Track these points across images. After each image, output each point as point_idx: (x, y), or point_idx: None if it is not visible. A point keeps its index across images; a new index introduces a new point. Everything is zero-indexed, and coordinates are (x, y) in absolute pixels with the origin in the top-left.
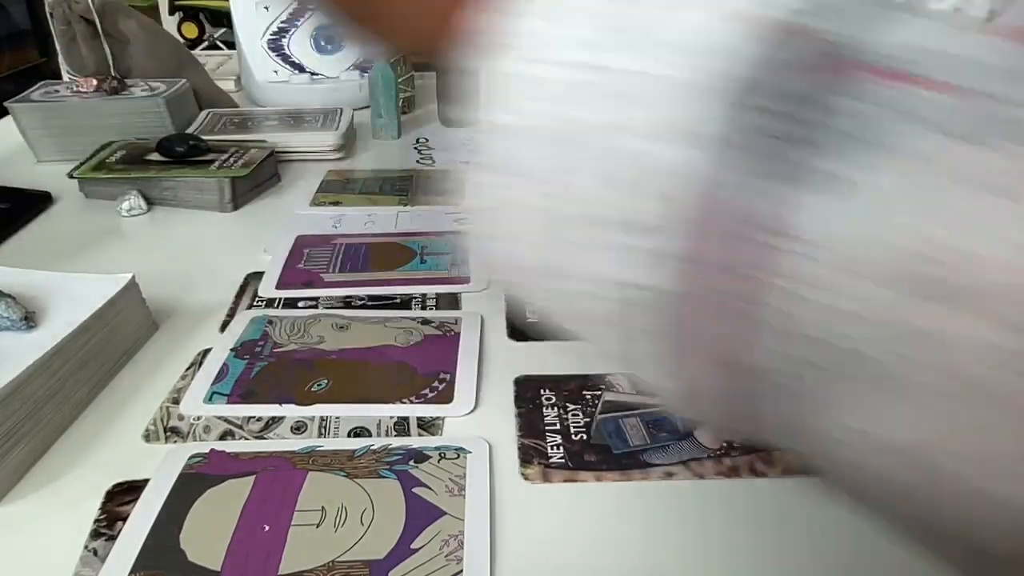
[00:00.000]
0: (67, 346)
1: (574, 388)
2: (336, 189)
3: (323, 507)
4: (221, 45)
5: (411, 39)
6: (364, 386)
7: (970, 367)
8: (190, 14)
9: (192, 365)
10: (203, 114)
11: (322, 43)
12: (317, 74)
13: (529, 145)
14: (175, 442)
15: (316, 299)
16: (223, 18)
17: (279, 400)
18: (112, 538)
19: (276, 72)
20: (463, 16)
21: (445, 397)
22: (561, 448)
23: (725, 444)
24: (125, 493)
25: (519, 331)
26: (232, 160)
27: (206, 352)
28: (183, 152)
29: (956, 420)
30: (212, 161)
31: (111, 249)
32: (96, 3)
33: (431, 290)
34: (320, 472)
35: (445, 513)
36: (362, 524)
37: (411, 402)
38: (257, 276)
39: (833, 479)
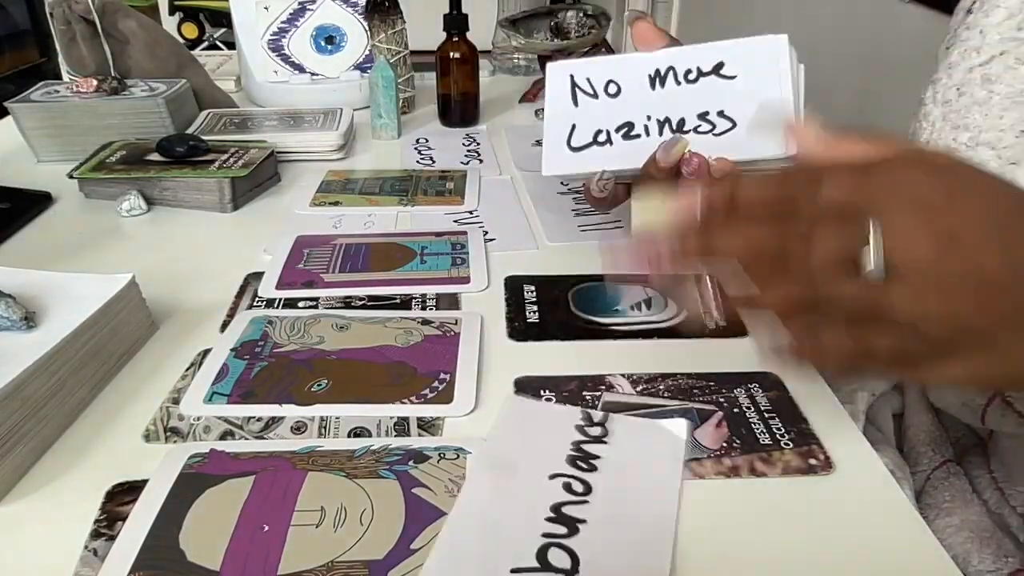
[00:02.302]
0: (67, 346)
1: (574, 388)
2: (336, 189)
3: (323, 507)
4: (221, 45)
5: None
6: (364, 386)
7: None
8: (190, 14)
9: (192, 365)
10: (203, 114)
11: (322, 43)
12: (317, 74)
13: None
14: (175, 442)
15: (316, 299)
16: (223, 18)
17: (279, 400)
18: (112, 538)
19: (276, 72)
20: None
21: (445, 397)
22: None
23: (725, 444)
24: (125, 493)
25: (519, 331)
26: (232, 160)
27: (206, 352)
28: (183, 152)
29: None
30: (212, 161)
31: (111, 249)
32: (96, 3)
33: (431, 290)
34: (320, 472)
35: (444, 513)
36: (361, 524)
37: (411, 402)
38: (257, 276)
39: None
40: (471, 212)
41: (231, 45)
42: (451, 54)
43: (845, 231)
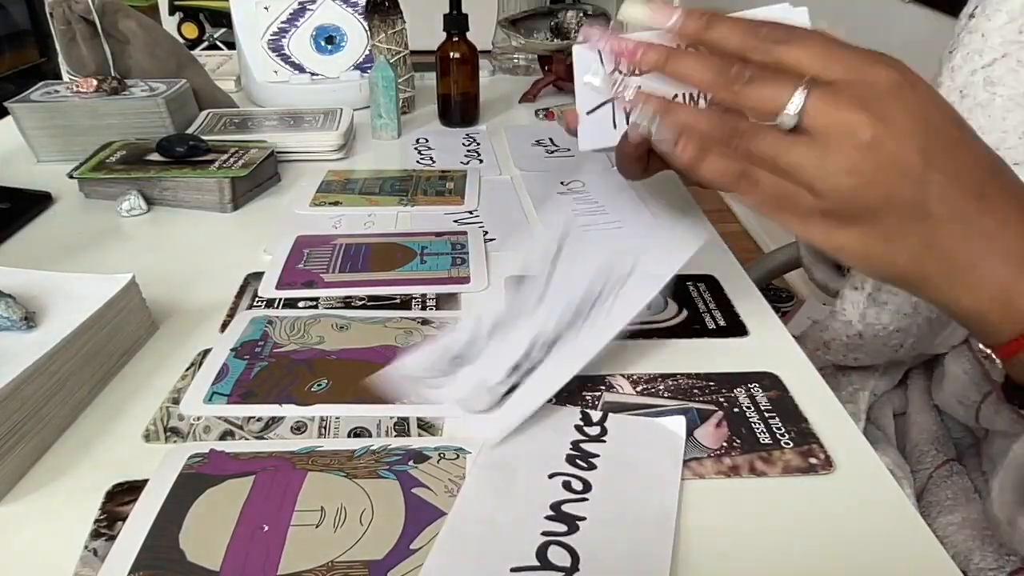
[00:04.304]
0: (67, 346)
1: (574, 388)
2: (336, 189)
3: (322, 507)
4: (221, 45)
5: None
6: (364, 386)
7: None
8: (190, 14)
9: (192, 365)
10: (203, 114)
11: (322, 43)
12: (317, 74)
13: None
14: (175, 442)
15: (316, 299)
16: (223, 18)
17: (279, 400)
18: (112, 538)
19: (276, 72)
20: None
21: None
22: None
23: (725, 444)
24: (125, 493)
25: None
26: (232, 160)
27: (206, 352)
28: (183, 152)
29: None
30: (212, 161)
31: (111, 249)
32: (96, 3)
33: (431, 290)
34: (320, 472)
35: (444, 513)
36: (361, 524)
37: (411, 402)
38: (257, 276)
39: None
40: (471, 212)
41: (231, 45)
42: (451, 54)
43: (783, 81)
